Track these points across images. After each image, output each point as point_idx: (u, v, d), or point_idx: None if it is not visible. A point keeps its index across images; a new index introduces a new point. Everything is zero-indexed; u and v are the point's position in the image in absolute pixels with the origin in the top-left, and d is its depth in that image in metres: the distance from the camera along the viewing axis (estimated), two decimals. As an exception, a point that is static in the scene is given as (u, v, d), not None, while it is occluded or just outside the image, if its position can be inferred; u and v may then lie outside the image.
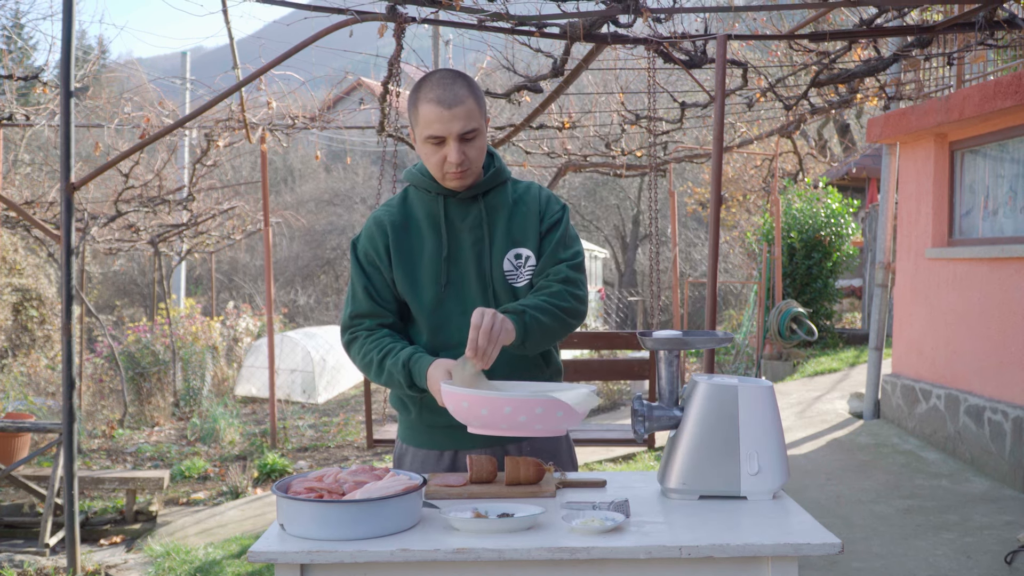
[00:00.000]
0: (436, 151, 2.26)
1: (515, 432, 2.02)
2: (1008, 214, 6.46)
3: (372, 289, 2.35)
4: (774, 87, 7.21)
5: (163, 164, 9.95)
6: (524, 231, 2.39)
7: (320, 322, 18.63)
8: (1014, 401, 6.04)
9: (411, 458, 2.42)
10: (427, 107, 2.23)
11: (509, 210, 2.39)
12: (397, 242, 2.35)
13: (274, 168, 24.34)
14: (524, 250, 2.38)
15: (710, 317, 4.81)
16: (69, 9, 4.49)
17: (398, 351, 2.25)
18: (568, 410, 2.00)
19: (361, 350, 2.32)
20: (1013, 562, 4.55)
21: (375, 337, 2.32)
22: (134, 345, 10.83)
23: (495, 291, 2.35)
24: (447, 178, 2.30)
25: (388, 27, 4.84)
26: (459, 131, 2.23)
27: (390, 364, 2.24)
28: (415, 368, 2.20)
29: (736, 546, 1.76)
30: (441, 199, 2.36)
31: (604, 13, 4.82)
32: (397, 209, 2.40)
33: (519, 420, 1.98)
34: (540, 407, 1.97)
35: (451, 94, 2.23)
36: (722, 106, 4.77)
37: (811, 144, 15.93)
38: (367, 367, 2.31)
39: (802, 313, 10.40)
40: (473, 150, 2.28)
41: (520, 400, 1.97)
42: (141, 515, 6.43)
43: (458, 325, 2.33)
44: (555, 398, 1.99)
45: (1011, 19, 5.01)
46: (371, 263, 2.36)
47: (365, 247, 2.38)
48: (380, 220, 2.38)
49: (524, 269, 2.38)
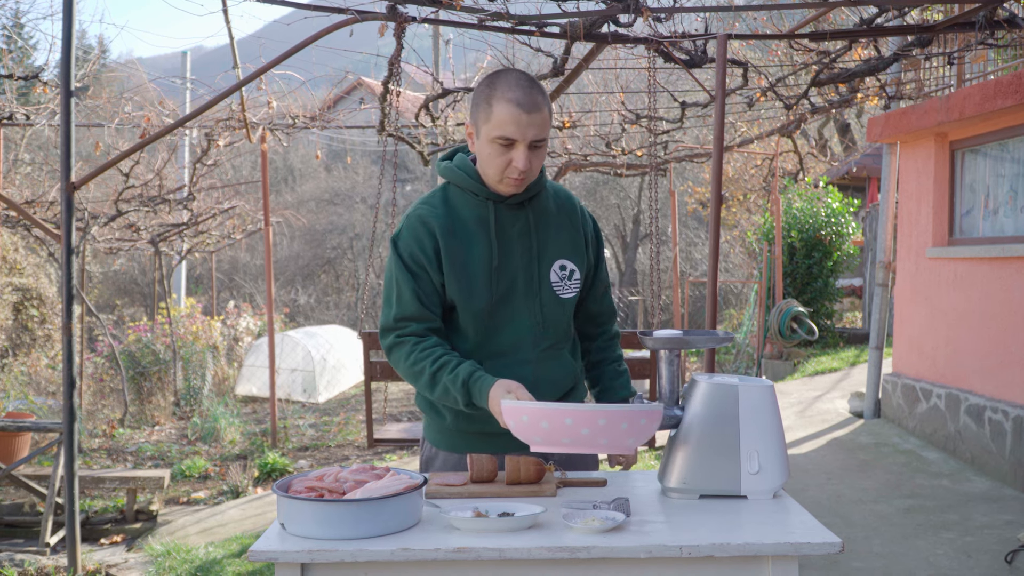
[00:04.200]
0: (502, 153, 2.20)
1: (579, 448, 1.94)
2: (1008, 213, 6.46)
3: (420, 292, 2.26)
4: (774, 86, 7.20)
5: (163, 163, 9.95)
6: (570, 243, 2.39)
7: (321, 321, 18.63)
8: (1014, 400, 6.04)
9: (442, 462, 2.39)
10: (504, 107, 2.17)
11: (555, 219, 2.38)
12: (447, 247, 2.26)
13: (274, 167, 24.34)
14: (569, 263, 2.37)
15: (710, 316, 4.80)
16: (69, 9, 4.49)
17: (454, 366, 2.19)
18: (633, 421, 1.93)
19: (409, 357, 2.25)
20: (1013, 561, 4.55)
21: (426, 346, 2.24)
22: (134, 344, 10.83)
23: (542, 301, 2.33)
24: (505, 183, 2.24)
25: (388, 27, 4.84)
26: (532, 138, 2.19)
27: (447, 380, 2.18)
28: (475, 387, 2.15)
29: (736, 545, 1.76)
30: (491, 204, 2.30)
31: (604, 13, 4.82)
32: (441, 210, 2.31)
33: (581, 433, 1.91)
34: (603, 418, 1.91)
35: (531, 99, 2.18)
36: (722, 105, 4.77)
37: (811, 143, 15.92)
38: (415, 376, 2.25)
39: (802, 312, 10.40)
40: (537, 159, 2.24)
41: (581, 411, 1.91)
42: (142, 514, 6.43)
43: (507, 334, 2.31)
44: (619, 409, 1.92)
45: (1011, 18, 5.01)
46: (418, 264, 2.27)
47: (411, 248, 2.28)
48: (426, 221, 2.29)
49: (570, 282, 2.37)
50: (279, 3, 4.92)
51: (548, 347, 2.35)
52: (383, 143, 6.72)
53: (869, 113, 14.99)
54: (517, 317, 2.31)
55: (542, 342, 2.34)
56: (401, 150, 14.27)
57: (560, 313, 2.36)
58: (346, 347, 12.68)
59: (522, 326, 2.31)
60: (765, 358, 10.95)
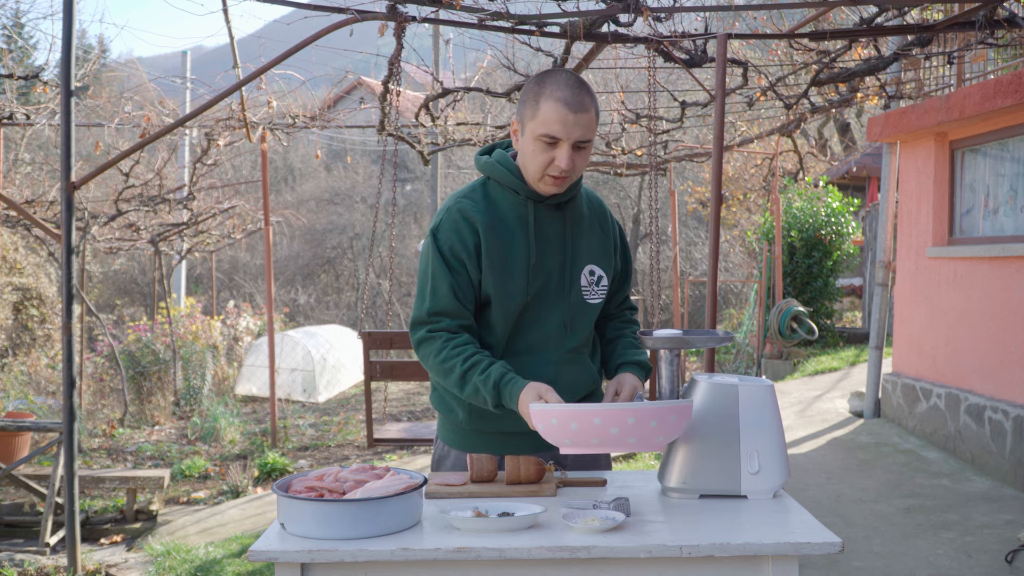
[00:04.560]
0: (545, 151, 2.20)
1: (609, 447, 1.94)
2: (1008, 213, 6.46)
3: (457, 287, 2.25)
4: (774, 86, 7.20)
5: (163, 163, 9.95)
6: (601, 249, 2.40)
7: (321, 321, 18.63)
8: (1014, 400, 6.04)
9: (454, 460, 2.39)
10: (552, 105, 2.17)
11: (588, 224, 2.38)
12: (488, 242, 2.26)
13: (274, 167, 24.33)
14: (598, 268, 2.38)
15: (710, 316, 4.80)
16: (69, 8, 4.49)
17: (486, 367, 2.18)
18: (663, 419, 1.93)
19: (440, 354, 2.23)
20: (1014, 561, 4.55)
21: (457, 344, 2.23)
22: (134, 344, 10.83)
23: (571, 304, 2.33)
24: (545, 182, 2.24)
25: (388, 26, 4.84)
26: (578, 138, 2.19)
27: (478, 380, 2.17)
28: (506, 390, 2.14)
29: (736, 545, 1.76)
30: (531, 204, 2.30)
31: (604, 12, 4.81)
32: (483, 205, 2.30)
33: (611, 432, 1.91)
34: (632, 416, 1.91)
35: (579, 99, 2.18)
36: (722, 105, 4.77)
37: (811, 143, 15.92)
38: (444, 372, 2.23)
39: (802, 312, 10.40)
40: (580, 160, 2.24)
41: (610, 411, 1.91)
42: (141, 514, 6.43)
43: (534, 334, 2.31)
44: (648, 407, 1.92)
45: (1011, 18, 5.01)
46: (457, 259, 2.25)
47: (451, 242, 2.26)
48: (468, 215, 2.27)
49: (597, 288, 2.38)
50: (279, 3, 4.92)
51: (571, 349, 2.35)
52: (383, 143, 6.72)
53: (869, 113, 14.99)
54: (545, 317, 2.31)
55: (566, 344, 2.34)
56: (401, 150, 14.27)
57: (586, 317, 2.37)
58: (346, 347, 12.68)
59: (549, 327, 2.32)
60: (765, 358, 10.95)
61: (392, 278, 6.41)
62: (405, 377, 5.13)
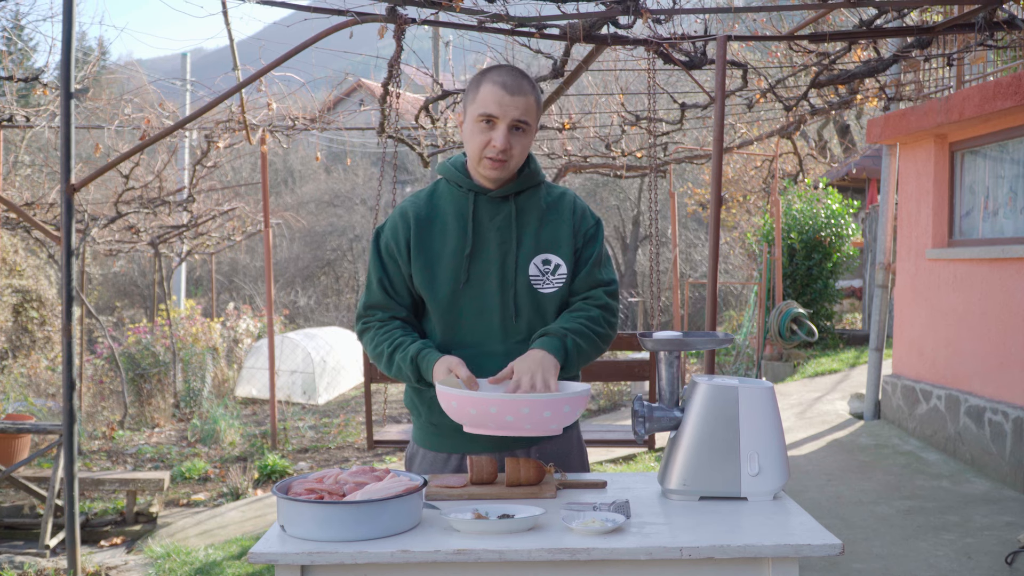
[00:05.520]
0: (483, 132, 2.26)
1: (506, 431, 2.04)
2: (1008, 215, 6.46)
3: (387, 281, 2.36)
4: (774, 88, 7.21)
5: (163, 165, 9.95)
6: (556, 238, 2.37)
7: (320, 323, 18.63)
8: (1014, 402, 6.04)
9: (421, 459, 2.42)
10: (489, 87, 2.26)
11: (541, 214, 2.38)
12: (419, 235, 2.34)
13: (274, 169, 24.34)
14: (554, 257, 2.36)
15: (710, 318, 4.81)
16: (69, 10, 4.49)
17: (407, 345, 2.28)
18: (556, 409, 2.02)
19: (372, 341, 2.35)
20: (1014, 563, 4.55)
21: (387, 329, 2.34)
22: (134, 346, 10.83)
23: (516, 293, 2.33)
24: (483, 165, 2.28)
25: (388, 28, 4.84)
26: (513, 117, 2.25)
27: (399, 358, 2.27)
28: (423, 363, 2.24)
29: (737, 547, 1.76)
30: (472, 196, 2.35)
31: (604, 14, 4.82)
32: (424, 202, 2.40)
33: (506, 420, 2.01)
34: (526, 407, 2.00)
35: (516, 83, 2.26)
36: (722, 107, 4.77)
37: (811, 145, 15.93)
38: (378, 358, 2.35)
39: (802, 314, 10.40)
40: (519, 144, 2.28)
41: (506, 401, 2.00)
42: (141, 516, 6.43)
43: (472, 325, 2.32)
44: (541, 398, 2.02)
45: (1011, 20, 5.01)
46: (390, 255, 2.36)
47: (387, 238, 2.38)
48: (405, 212, 2.38)
49: (553, 276, 2.36)
50: (279, 5, 4.93)
51: (521, 340, 2.33)
52: (383, 145, 6.72)
53: (869, 114, 14.99)
54: (487, 308, 2.32)
55: (514, 335, 2.33)
56: (401, 152, 14.27)
57: (537, 307, 2.34)
58: (346, 349, 12.68)
59: (492, 317, 2.32)
60: (765, 359, 10.95)
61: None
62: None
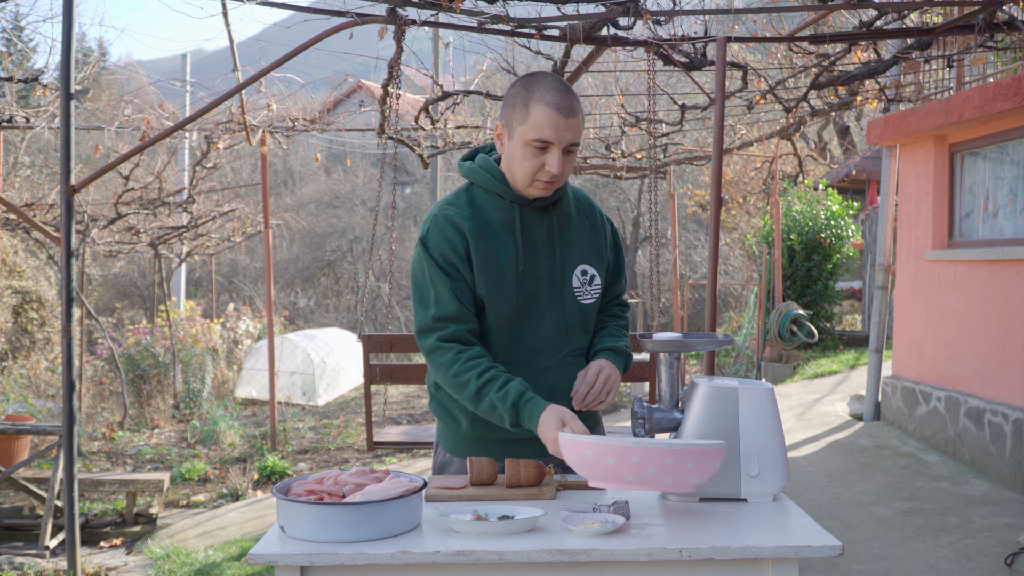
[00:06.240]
0: (535, 156, 2.18)
1: (642, 485, 1.88)
2: (1008, 216, 6.46)
3: (457, 291, 2.22)
4: (774, 89, 7.21)
5: (163, 166, 9.95)
6: (592, 248, 2.38)
7: (320, 324, 18.62)
8: (1014, 403, 6.04)
9: (456, 467, 2.38)
10: (543, 110, 2.15)
11: (576, 223, 2.36)
12: (477, 248, 2.23)
13: (274, 170, 24.34)
14: (590, 268, 2.36)
15: (710, 319, 4.81)
16: (69, 11, 4.49)
17: (503, 384, 2.14)
18: (699, 460, 1.87)
19: (453, 367, 2.19)
20: (1013, 564, 4.54)
21: (470, 356, 2.18)
22: (134, 347, 10.83)
23: (564, 307, 2.31)
24: (535, 187, 2.22)
25: (388, 29, 4.84)
26: (568, 141, 2.18)
27: (495, 397, 2.14)
28: (525, 410, 2.11)
29: (736, 548, 1.76)
30: (517, 207, 2.28)
31: (604, 15, 4.82)
32: (468, 211, 2.27)
33: (646, 471, 1.85)
34: (670, 457, 1.84)
35: (568, 104, 2.16)
36: (722, 108, 4.77)
37: (811, 146, 15.93)
38: (457, 387, 2.19)
39: (802, 315, 10.40)
40: (569, 163, 2.22)
41: (649, 448, 1.84)
42: (141, 517, 6.43)
43: (530, 340, 2.29)
44: (687, 447, 1.86)
45: (1011, 21, 5.02)
46: (451, 265, 2.23)
47: (442, 248, 2.23)
48: (454, 222, 2.25)
49: (590, 287, 2.35)
50: (279, 6, 4.93)
51: (568, 354, 2.33)
52: (383, 146, 6.73)
53: (868, 116, 14.99)
54: (541, 323, 2.29)
55: (563, 348, 2.33)
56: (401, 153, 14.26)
57: (581, 319, 2.34)
58: (346, 350, 12.67)
59: (544, 332, 2.30)
60: (765, 361, 10.95)
61: (392, 281, 6.41)
62: (405, 380, 5.12)
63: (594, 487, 1.95)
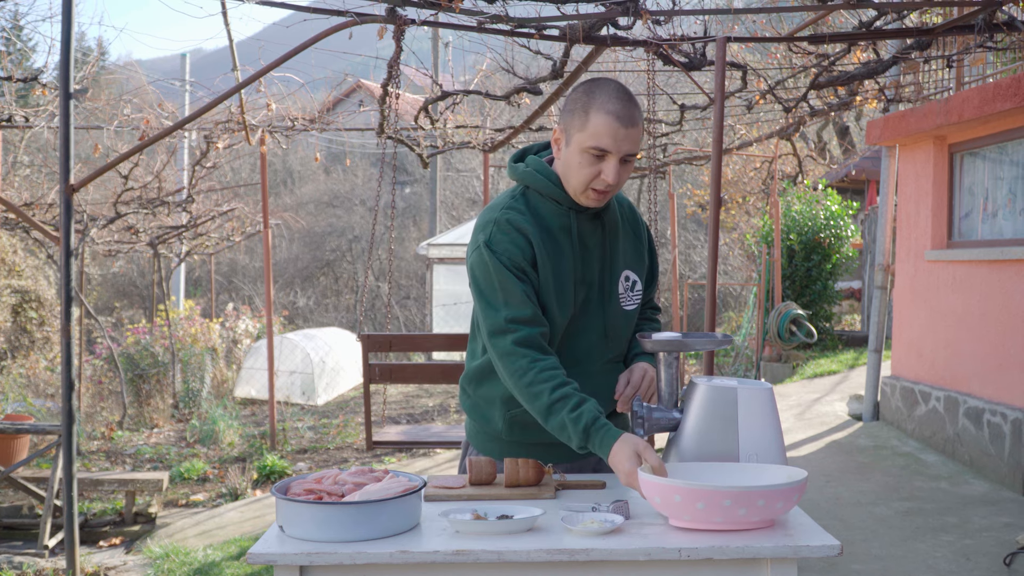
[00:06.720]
0: (592, 164, 2.15)
1: (731, 526, 1.84)
2: (1007, 216, 6.47)
3: (528, 293, 2.18)
4: (773, 89, 7.21)
5: (162, 166, 9.95)
6: (635, 253, 2.39)
7: (320, 324, 18.62)
8: (1013, 403, 6.04)
9: None
10: (603, 118, 2.12)
11: (621, 230, 2.37)
12: (541, 255, 2.21)
13: (273, 170, 24.34)
14: (632, 273, 2.37)
15: (709, 319, 4.81)
16: (68, 11, 4.49)
17: (576, 404, 2.08)
18: (788, 497, 1.84)
19: (526, 376, 2.13)
20: (1012, 564, 4.55)
21: (545, 367, 2.13)
22: (133, 347, 10.82)
23: (610, 313, 2.32)
24: (588, 195, 2.20)
25: (388, 29, 4.84)
26: (626, 151, 2.15)
27: (567, 418, 2.08)
28: (597, 436, 2.06)
29: (735, 548, 1.76)
30: (573, 214, 2.26)
31: (603, 15, 4.82)
32: (528, 216, 2.24)
33: (738, 514, 1.81)
34: (762, 499, 1.80)
35: (630, 113, 2.14)
36: (721, 108, 4.77)
37: (810, 146, 15.93)
38: (529, 398, 2.14)
39: (801, 315, 10.40)
40: (625, 173, 2.21)
41: (742, 493, 1.79)
42: (140, 517, 6.43)
43: (579, 345, 2.29)
44: (778, 488, 1.82)
45: (1010, 21, 5.02)
46: (519, 268, 2.19)
47: (510, 252, 2.19)
48: (519, 226, 2.21)
49: (632, 293, 2.36)
50: (278, 6, 4.93)
51: (610, 359, 2.34)
52: (382, 145, 6.73)
53: (868, 116, 15.00)
54: (588, 329, 2.29)
55: (606, 354, 2.33)
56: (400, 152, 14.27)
57: (623, 325, 2.35)
58: (345, 349, 12.67)
59: (591, 338, 2.30)
60: (764, 361, 10.95)
61: (391, 281, 6.41)
62: (404, 380, 5.12)
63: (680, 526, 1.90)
